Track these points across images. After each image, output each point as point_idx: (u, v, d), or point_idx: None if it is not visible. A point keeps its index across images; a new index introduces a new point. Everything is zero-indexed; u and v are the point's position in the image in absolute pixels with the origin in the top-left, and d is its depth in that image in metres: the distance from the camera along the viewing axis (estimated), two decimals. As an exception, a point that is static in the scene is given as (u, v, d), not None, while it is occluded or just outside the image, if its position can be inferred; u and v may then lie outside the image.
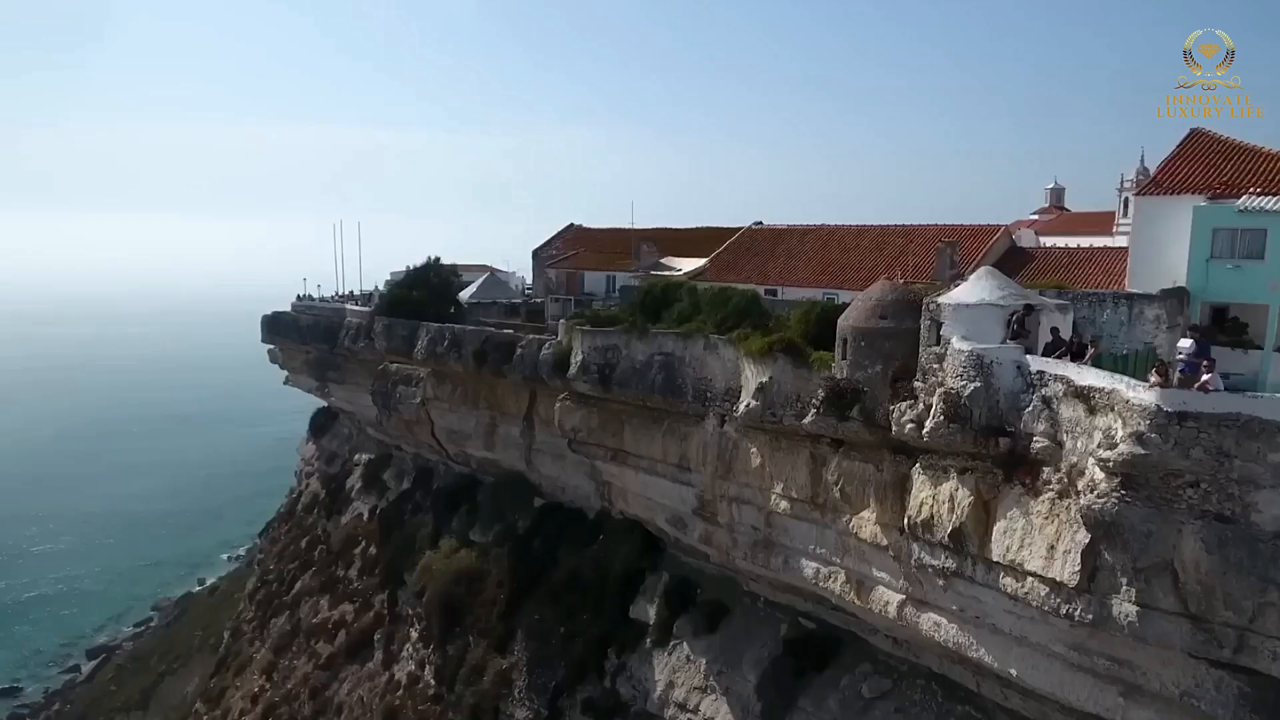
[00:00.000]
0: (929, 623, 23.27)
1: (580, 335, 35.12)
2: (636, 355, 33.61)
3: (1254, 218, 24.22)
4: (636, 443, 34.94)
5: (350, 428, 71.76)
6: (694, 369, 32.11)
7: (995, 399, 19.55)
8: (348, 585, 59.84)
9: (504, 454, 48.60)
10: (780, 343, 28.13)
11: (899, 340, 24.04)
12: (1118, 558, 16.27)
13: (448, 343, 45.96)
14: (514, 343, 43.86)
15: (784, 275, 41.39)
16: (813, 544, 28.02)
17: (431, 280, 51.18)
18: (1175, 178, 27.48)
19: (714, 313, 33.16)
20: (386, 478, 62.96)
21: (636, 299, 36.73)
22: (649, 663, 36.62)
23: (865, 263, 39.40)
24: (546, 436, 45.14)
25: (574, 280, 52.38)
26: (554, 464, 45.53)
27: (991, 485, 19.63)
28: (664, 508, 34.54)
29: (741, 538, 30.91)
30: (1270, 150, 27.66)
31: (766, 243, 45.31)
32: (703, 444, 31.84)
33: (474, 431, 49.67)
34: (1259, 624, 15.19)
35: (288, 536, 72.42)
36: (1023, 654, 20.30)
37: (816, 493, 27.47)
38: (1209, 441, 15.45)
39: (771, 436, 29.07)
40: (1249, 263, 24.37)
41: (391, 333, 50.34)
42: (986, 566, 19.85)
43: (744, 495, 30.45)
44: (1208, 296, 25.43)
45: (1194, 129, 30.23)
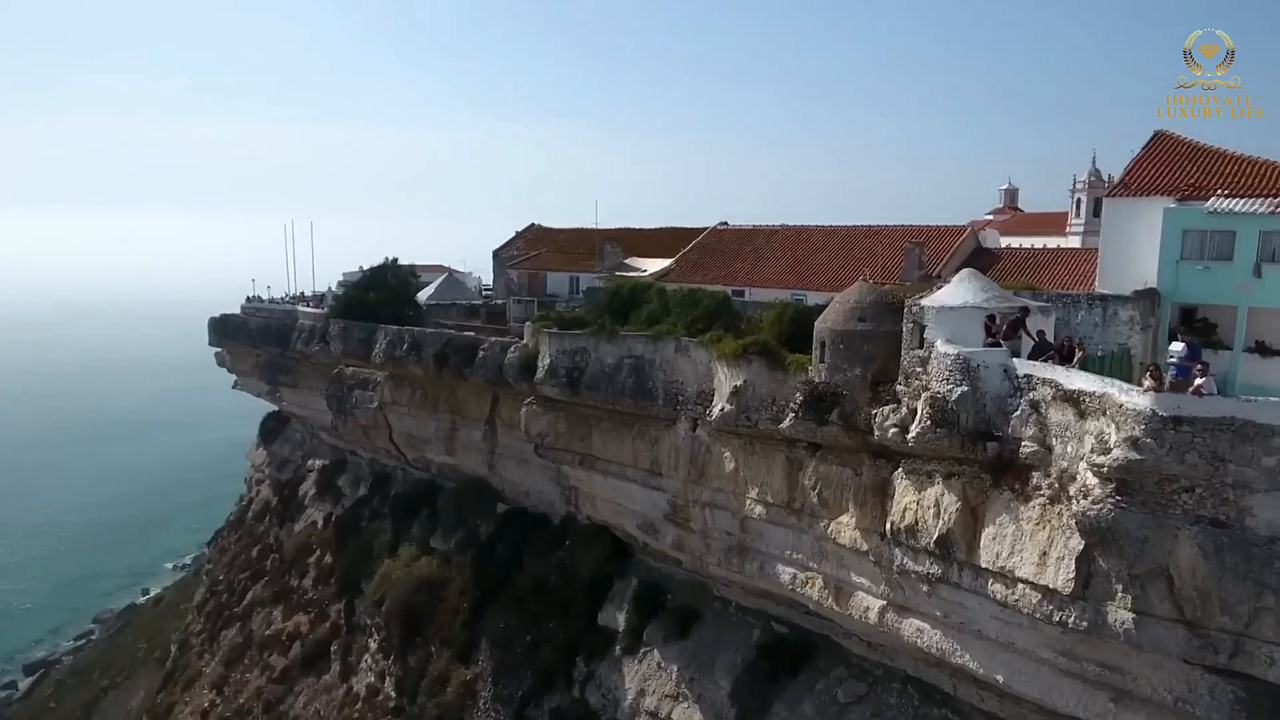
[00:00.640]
0: (911, 629, 23.04)
1: (547, 338, 34.35)
2: (605, 358, 32.97)
3: (1223, 219, 24.47)
4: (605, 447, 34.29)
5: (303, 432, 69.91)
6: (665, 372, 31.58)
7: (982, 403, 19.34)
8: (302, 595, 58.27)
9: (465, 459, 47.62)
10: (754, 345, 27.72)
11: (878, 342, 23.79)
12: (1112, 564, 16.12)
13: (407, 345, 44.81)
14: (476, 345, 42.96)
15: (751, 276, 41.09)
16: (789, 549, 27.68)
17: (389, 281, 49.90)
18: (1143, 180, 27.72)
19: (684, 314, 32.66)
20: (342, 484, 61.42)
21: (603, 300, 36.06)
22: (619, 670, 36.03)
23: (833, 263, 39.27)
24: (510, 440, 44.30)
25: (536, 281, 51.54)
26: (518, 468, 44.71)
27: (979, 490, 19.41)
28: (634, 513, 33.96)
29: (715, 543, 30.47)
30: (1234, 153, 28.04)
31: (733, 243, 44.99)
32: (674, 448, 31.33)
33: (434, 436, 48.60)
34: (1254, 629, 15.14)
35: (238, 545, 70.35)
36: (1009, 660, 20.15)
37: (793, 497, 27.14)
38: (1203, 446, 15.37)
39: (746, 440, 28.67)
40: (1218, 264, 24.62)
41: (348, 335, 48.98)
42: (974, 573, 19.64)
43: (717, 500, 30.01)
44: (1178, 297, 25.65)
45: (1158, 131, 30.58)
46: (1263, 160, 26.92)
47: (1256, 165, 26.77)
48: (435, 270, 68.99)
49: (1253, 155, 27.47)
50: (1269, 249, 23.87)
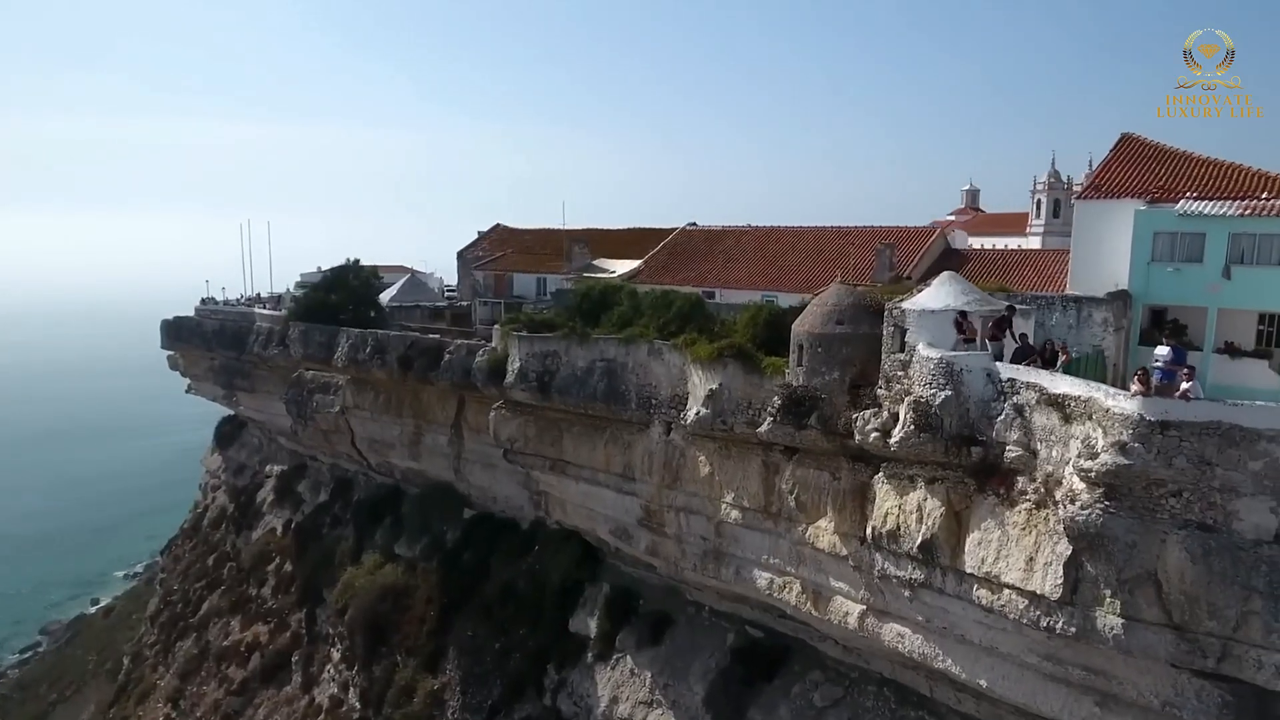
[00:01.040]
0: (892, 633, 22.90)
1: (517, 341, 33.74)
2: (577, 362, 32.46)
3: (1193, 222, 24.69)
4: (577, 452, 33.78)
5: (260, 437, 68.31)
6: (637, 375, 31.16)
7: (965, 407, 19.21)
8: (261, 604, 56.93)
9: (430, 463, 46.77)
10: (729, 348, 27.42)
11: (856, 345, 23.62)
12: (1101, 569, 16.04)
13: (370, 349, 43.87)
14: (441, 348, 42.24)
15: (722, 277, 40.83)
16: (766, 554, 27.43)
17: (350, 283, 48.82)
18: (1112, 182, 27.93)
19: (656, 316, 32.30)
20: (301, 490, 60.11)
21: (573, 303, 35.53)
22: (591, 677, 35.55)
23: (804, 264, 39.16)
24: (476, 445, 43.61)
25: (502, 282, 50.77)
26: (484, 473, 44.01)
27: (963, 495, 19.29)
28: (607, 519, 33.49)
29: (690, 548, 30.12)
30: (1200, 156, 28.39)
31: (702, 244, 44.70)
32: (648, 452, 30.93)
33: (398, 441, 47.68)
34: (1242, 633, 15.15)
35: (193, 554, 68.58)
36: (993, 664, 20.07)
37: (770, 501, 26.89)
38: (1191, 450, 15.35)
39: (721, 444, 28.37)
40: (1188, 266, 24.84)
41: (308, 339, 47.84)
42: (958, 578, 19.51)
43: (692, 505, 29.67)
44: (1149, 299, 25.85)
45: (1124, 134, 30.91)
46: (1229, 163, 27.28)
47: (1223, 168, 27.13)
48: (397, 271, 68.00)
49: (1219, 158, 27.84)
50: (1238, 251, 24.15)
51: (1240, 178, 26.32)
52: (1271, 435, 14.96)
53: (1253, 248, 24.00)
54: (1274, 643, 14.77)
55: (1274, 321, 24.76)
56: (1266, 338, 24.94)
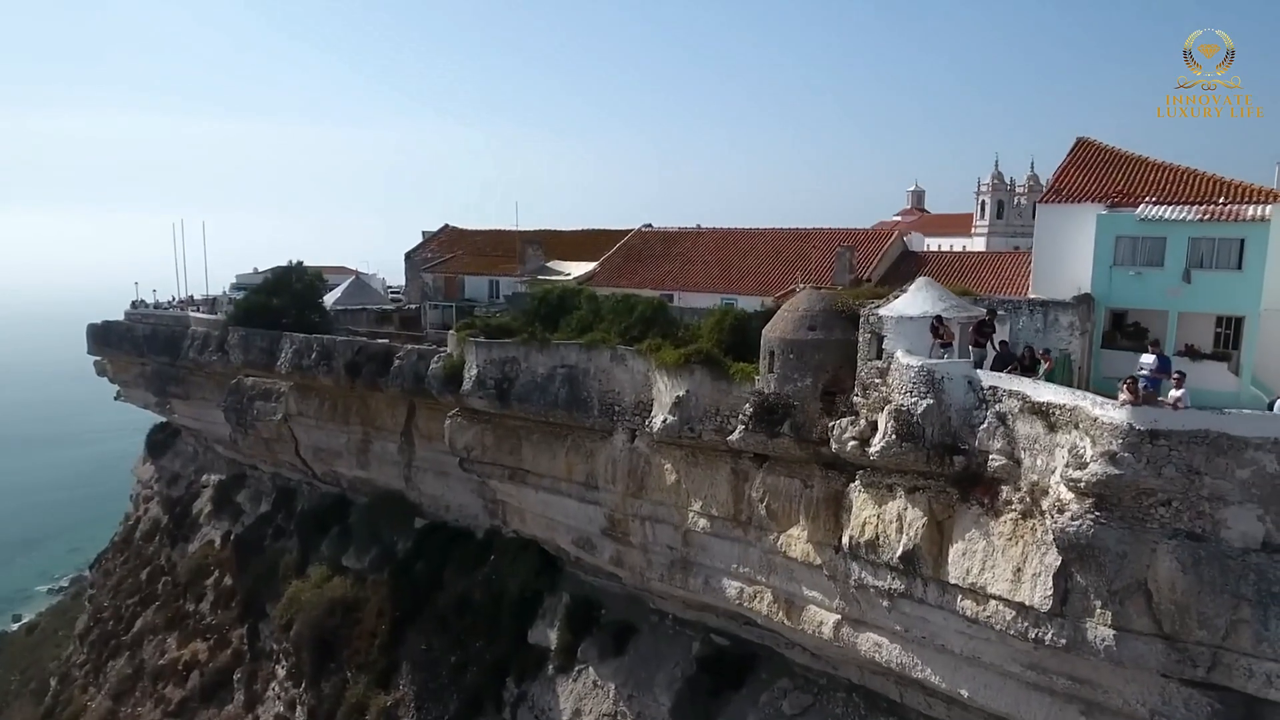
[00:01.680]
0: (869, 643, 22.65)
1: (474, 347, 32.75)
2: (537, 368, 31.64)
3: (1154, 226, 24.97)
4: (537, 460, 32.95)
5: (195, 446, 65.76)
6: (600, 382, 30.49)
7: (947, 415, 18.98)
8: (199, 620, 54.82)
9: (380, 472, 45.45)
10: (696, 354, 26.93)
11: (829, 351, 23.32)
12: (1091, 580, 15.91)
13: (316, 354, 42.35)
14: (391, 353, 41.06)
15: (680, 280, 40.31)
16: (735, 563, 27.02)
17: (294, 286, 47.04)
18: (1072, 186, 28.18)
19: (617, 321, 31.65)
20: (241, 500, 58.01)
21: (530, 306, 34.68)
22: (552, 690, 34.79)
23: (762, 267, 38.88)
24: (428, 452, 42.50)
25: (453, 285, 49.50)
26: (437, 481, 42.90)
27: (946, 505, 19.06)
28: (569, 528, 32.73)
29: (657, 558, 29.57)
30: (1155, 160, 28.81)
31: (659, 246, 44.14)
32: (611, 460, 30.28)
33: (345, 449, 46.22)
34: (1231, 641, 15.15)
35: (124, 568, 65.77)
36: (974, 674, 19.91)
37: (739, 510, 26.48)
38: (1180, 459, 15.29)
39: (688, 452, 27.87)
40: (1149, 270, 25.10)
41: (249, 344, 46.00)
42: (940, 588, 19.29)
43: (658, 514, 29.12)
44: (1111, 302, 26.09)
45: (1080, 138, 31.26)
46: (1185, 168, 27.74)
47: (1179, 173, 27.56)
48: (338, 272, 66.11)
49: (1174, 163, 28.31)
50: (1197, 255, 24.48)
51: (1196, 183, 26.77)
52: (1258, 443, 14.98)
53: (1211, 252, 24.36)
54: (1264, 651, 14.77)
55: (1231, 324, 25.19)
56: (1224, 340, 25.36)
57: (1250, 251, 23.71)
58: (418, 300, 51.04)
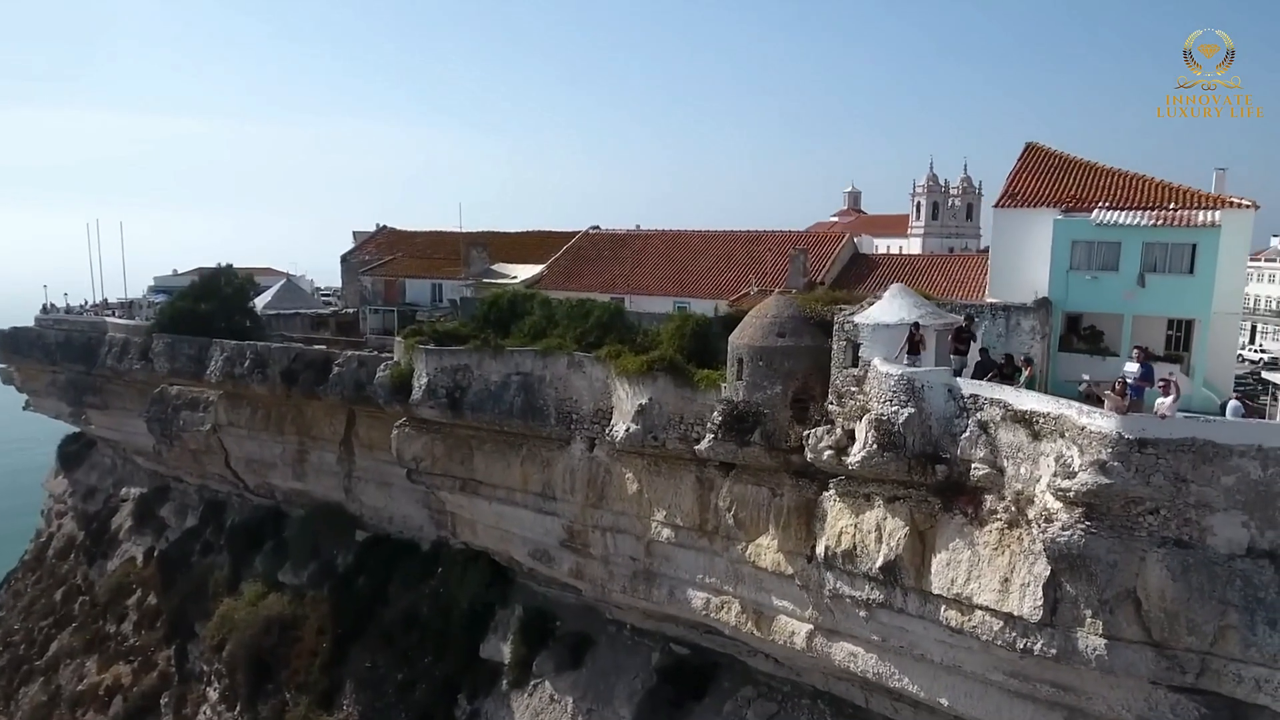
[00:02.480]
0: (843, 653, 22.44)
1: (423, 355, 31.55)
2: (490, 376, 30.66)
3: (1109, 231, 25.31)
4: (490, 471, 31.96)
5: (114, 458, 62.40)
6: (557, 389, 29.69)
7: (928, 424, 18.83)
8: (121, 642, 51.98)
9: (317, 483, 43.68)
10: (660, 361, 26.39)
11: (799, 358, 23.04)
12: (1081, 590, 15.89)
13: (250, 362, 40.42)
14: (329, 360, 39.50)
15: (631, 283, 39.62)
16: (701, 573, 26.58)
17: (223, 290, 44.80)
18: (1027, 191, 28.45)
19: (572, 327, 30.86)
20: (165, 514, 55.24)
21: (481, 311, 33.59)
22: (507, 706, 33.88)
23: (715, 270, 38.48)
24: (370, 462, 41.03)
25: (393, 288, 47.83)
26: (379, 492, 41.43)
27: (928, 515, 18.90)
28: (524, 540, 31.82)
29: (619, 569, 28.92)
30: (1105, 166, 29.32)
31: (607, 248, 43.38)
32: (569, 470, 29.53)
33: (280, 460, 44.32)
34: (1219, 647, 15.29)
35: (36, 588, 62.04)
36: (954, 683, 19.83)
37: (705, 519, 26.03)
38: (1167, 467, 15.38)
39: (650, 461, 27.30)
40: (1105, 274, 25.43)
41: (175, 352, 43.67)
42: (922, 598, 19.13)
43: (620, 524, 28.48)
44: (1068, 306, 26.36)
45: (1029, 143, 31.62)
46: (1133, 174, 28.27)
47: (1128, 178, 28.07)
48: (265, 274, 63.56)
49: (1122, 169, 28.85)
50: (1151, 259, 24.90)
51: (1146, 188, 27.28)
52: (1242, 450, 15.14)
53: (1165, 256, 24.81)
54: (1252, 656, 14.94)
55: (1181, 327, 25.76)
56: (1175, 342, 25.92)
57: (1202, 256, 24.21)
58: (355, 304, 49.24)
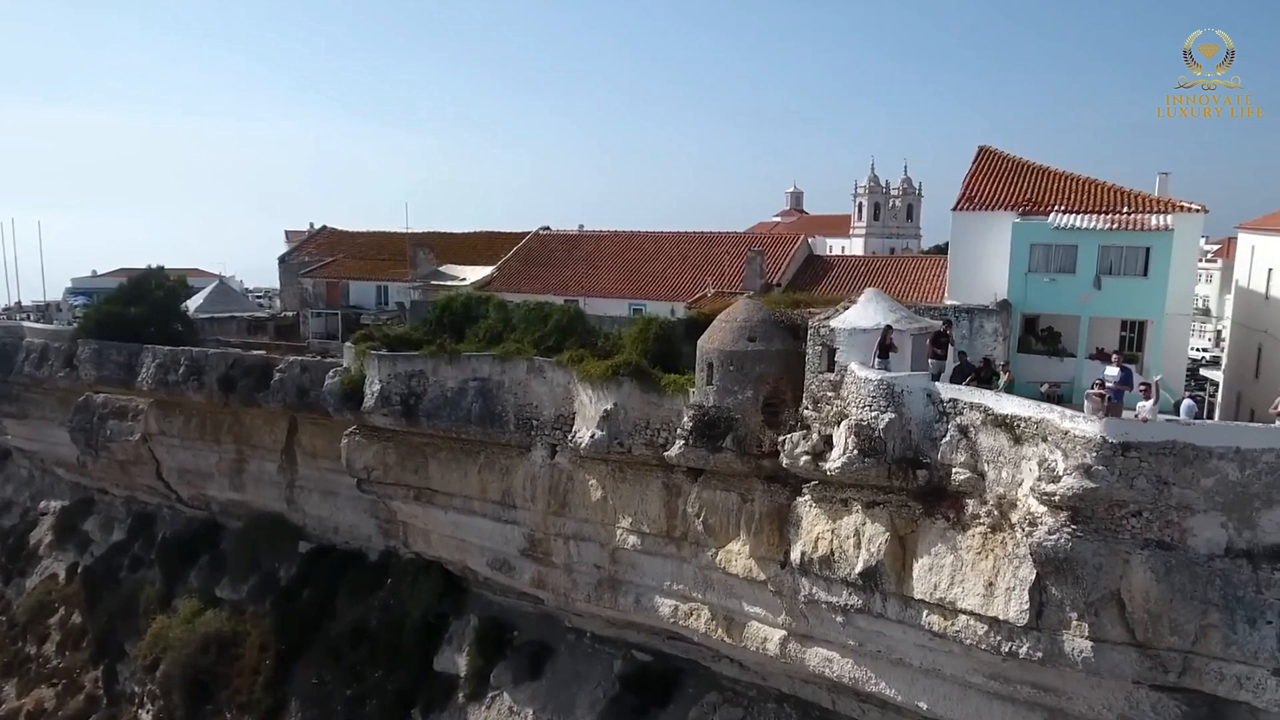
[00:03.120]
0: (818, 658, 22.34)
1: (375, 361, 30.50)
2: (447, 382, 29.79)
3: (1066, 234, 25.87)
4: (446, 479, 31.09)
5: (31, 469, 59.13)
6: (516, 395, 29.01)
7: (907, 429, 18.79)
8: (43, 664, 49.27)
9: (257, 494, 42.03)
10: (625, 366, 25.95)
11: (770, 363, 22.87)
12: (1067, 593, 16.00)
13: (185, 369, 38.68)
14: (269, 366, 38.10)
15: (584, 285, 39.04)
16: (669, 580, 26.23)
17: (154, 293, 42.71)
18: (984, 194, 28.89)
19: (530, 330, 30.20)
20: (89, 528, 52.52)
21: (433, 315, 32.63)
22: (464, 719, 32.99)
23: (670, 271, 38.20)
24: (313, 471, 39.66)
25: (336, 290, 46.27)
26: (324, 502, 40.06)
27: (909, 520, 18.86)
28: (483, 550, 31.04)
29: (582, 578, 28.38)
30: (1056, 169, 29.97)
31: (560, 249, 42.71)
32: (530, 478, 28.88)
33: (216, 470, 42.56)
34: (1201, 646, 15.53)
35: (-53, 610, 58.27)
36: (932, 686, 19.86)
37: (673, 525, 25.69)
38: (1150, 470, 15.55)
39: (615, 467, 26.84)
40: (1062, 277, 25.99)
41: (103, 359, 41.51)
42: (902, 603, 19.09)
43: (584, 532, 27.95)
44: (1026, 308, 26.88)
45: (982, 146, 32.20)
46: (1085, 178, 28.96)
47: (1080, 182, 28.74)
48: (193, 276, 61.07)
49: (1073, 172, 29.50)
50: (1106, 262, 25.55)
51: (1098, 192, 27.96)
52: (1221, 453, 15.39)
53: (1120, 259, 25.46)
54: (1233, 654, 15.21)
55: (1134, 328, 26.48)
56: (1129, 343, 26.63)
57: (1155, 259, 24.90)
58: (295, 307, 47.55)
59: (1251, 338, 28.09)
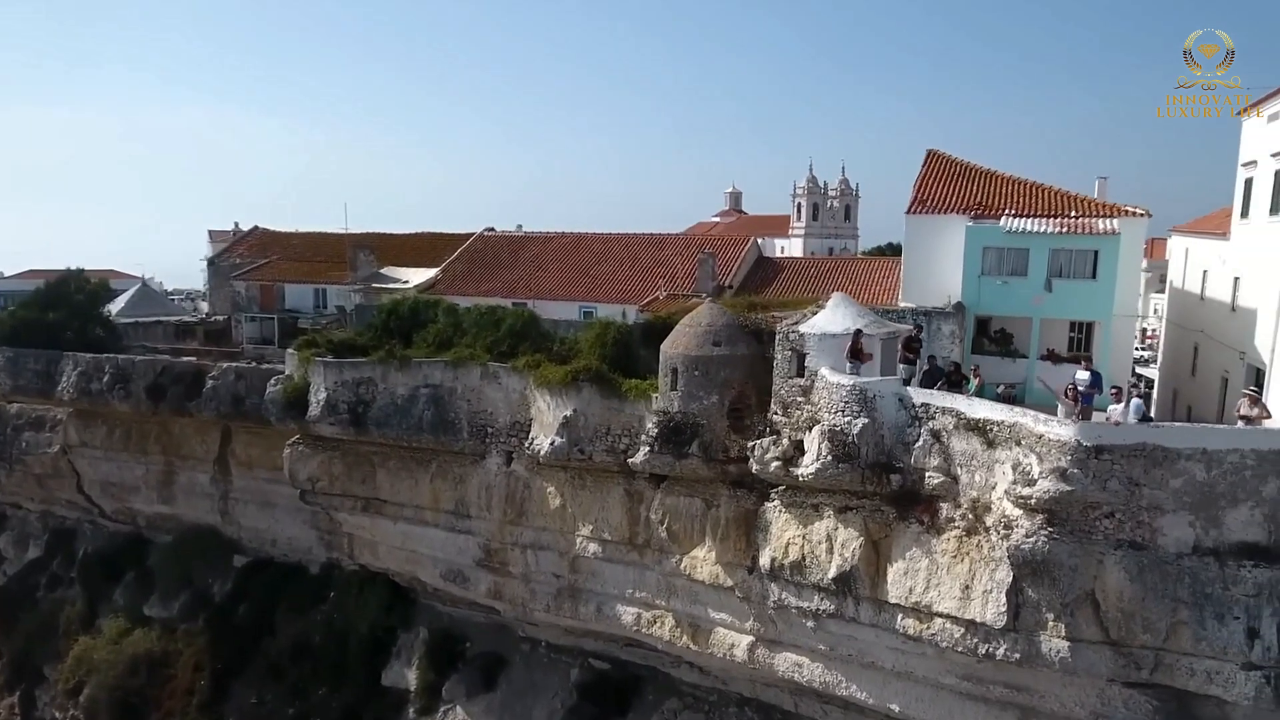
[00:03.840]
0: (787, 663, 22.27)
1: (321, 368, 29.39)
2: (397, 389, 28.89)
3: (1018, 238, 26.39)
4: (395, 489, 30.15)
5: (-67, 484, 55.50)
6: (470, 402, 28.31)
7: (880, 434, 18.83)
8: (-48, 692, 46.25)
9: (188, 506, 40.27)
10: (585, 371, 25.51)
11: (735, 367, 22.73)
12: (1044, 594, 16.19)
13: (110, 377, 36.77)
14: (202, 373, 36.52)
15: (532, 287, 38.34)
16: (631, 588, 25.88)
17: (74, 297, 40.45)
18: (936, 198, 29.30)
19: (482, 335, 29.51)
20: (1, 546, 49.53)
21: (379, 320, 31.62)
22: (415, 735, 32.09)
23: (620, 273, 37.77)
24: (249, 481, 38.17)
25: (271, 294, 44.44)
26: (261, 513, 38.57)
27: (883, 524, 18.89)
28: (436, 561, 30.18)
29: (541, 588, 27.82)
30: (1002, 173, 30.58)
31: (505, 251, 41.86)
32: (486, 486, 28.21)
33: (143, 482, 40.66)
34: (1171, 642, 15.89)
35: None
36: (904, 688, 19.94)
37: (635, 532, 25.36)
38: (1122, 472, 15.84)
39: (574, 474, 26.37)
40: (1015, 279, 26.50)
41: (19, 367, 39.19)
42: (876, 607, 19.12)
43: (542, 540, 27.40)
44: (979, 310, 27.34)
45: (929, 150, 32.71)
46: (1032, 182, 29.64)
47: (1030, 187, 29.41)
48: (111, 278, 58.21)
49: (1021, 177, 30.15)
50: (1056, 265, 26.16)
51: (1045, 196, 28.63)
52: (1189, 454, 15.76)
53: (1069, 262, 26.09)
54: (1203, 650, 15.59)
55: (1082, 329, 27.17)
56: (1077, 344, 27.32)
57: (1103, 262, 25.57)
58: (227, 311, 45.60)
59: (1187, 337, 29.12)
